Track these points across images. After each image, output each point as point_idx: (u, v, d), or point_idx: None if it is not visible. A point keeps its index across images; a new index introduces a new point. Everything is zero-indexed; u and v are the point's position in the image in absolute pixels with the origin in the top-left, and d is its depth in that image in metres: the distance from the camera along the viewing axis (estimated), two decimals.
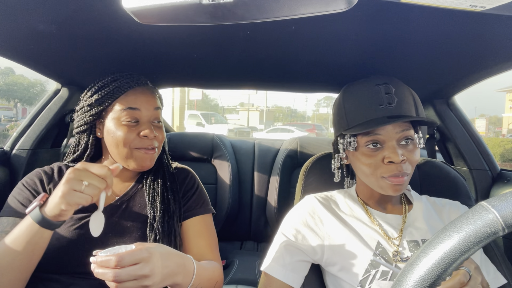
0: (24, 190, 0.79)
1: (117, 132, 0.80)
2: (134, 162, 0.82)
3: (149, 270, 0.57)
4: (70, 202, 0.62)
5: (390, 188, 0.70)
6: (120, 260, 0.55)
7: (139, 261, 0.57)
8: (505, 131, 26.37)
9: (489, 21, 0.64)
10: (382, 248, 0.71)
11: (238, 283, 1.36)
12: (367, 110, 0.72)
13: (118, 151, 0.81)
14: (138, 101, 0.82)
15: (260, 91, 14.88)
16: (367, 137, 0.71)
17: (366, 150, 0.72)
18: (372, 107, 0.71)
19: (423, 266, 0.34)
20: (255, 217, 1.73)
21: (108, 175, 0.65)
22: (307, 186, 0.94)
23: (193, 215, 0.88)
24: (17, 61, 0.95)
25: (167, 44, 0.87)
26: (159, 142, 0.85)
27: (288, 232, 0.77)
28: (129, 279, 0.55)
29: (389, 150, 0.69)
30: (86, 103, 0.83)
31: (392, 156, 0.68)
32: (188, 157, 1.70)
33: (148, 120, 0.83)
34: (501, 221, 0.31)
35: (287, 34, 0.77)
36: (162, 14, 0.46)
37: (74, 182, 0.62)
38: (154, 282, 0.58)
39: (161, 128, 0.87)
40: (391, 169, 0.69)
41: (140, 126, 0.82)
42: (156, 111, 0.85)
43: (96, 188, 0.63)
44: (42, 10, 0.67)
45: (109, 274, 0.54)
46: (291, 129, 17.45)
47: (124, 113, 0.80)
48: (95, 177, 0.64)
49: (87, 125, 0.84)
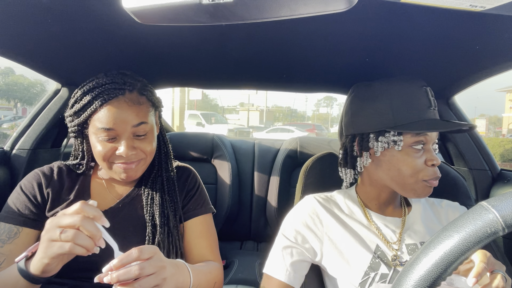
0: (21, 195, 0.78)
1: (96, 147, 0.76)
2: (116, 175, 0.79)
3: (164, 261, 0.59)
4: (50, 255, 0.56)
5: (424, 191, 0.70)
6: (141, 252, 0.55)
7: (154, 254, 0.58)
8: (505, 131, 26.36)
9: (489, 21, 0.64)
10: (381, 251, 0.71)
11: (238, 283, 1.35)
12: (420, 110, 0.69)
13: (101, 164, 0.79)
14: (112, 120, 0.73)
15: (260, 91, 14.88)
16: (416, 137, 0.69)
17: (412, 150, 0.69)
18: (424, 108, 0.70)
19: (423, 266, 0.34)
20: (255, 217, 1.73)
21: (84, 209, 0.57)
22: (307, 186, 0.94)
23: (195, 215, 0.88)
24: (17, 61, 0.95)
25: (167, 44, 0.87)
26: (145, 153, 0.79)
27: (288, 233, 0.77)
28: (152, 271, 0.55)
29: (430, 152, 0.69)
30: (68, 113, 0.79)
31: (435, 158, 0.68)
32: (188, 157, 1.70)
33: (128, 136, 0.76)
34: (501, 221, 0.31)
35: (287, 34, 0.77)
36: (162, 14, 0.46)
37: (51, 231, 0.56)
38: (167, 275, 0.59)
39: (147, 139, 0.79)
40: (434, 172, 0.69)
41: (118, 142, 0.76)
42: (137, 128, 0.76)
43: (71, 231, 0.55)
44: (42, 10, 0.67)
45: (134, 268, 0.54)
46: (291, 129, 17.44)
47: (100, 131, 0.74)
48: (67, 217, 0.56)
49: (75, 133, 0.81)
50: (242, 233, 1.78)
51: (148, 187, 0.85)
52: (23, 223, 0.75)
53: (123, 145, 0.75)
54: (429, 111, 0.70)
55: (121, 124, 0.74)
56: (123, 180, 0.80)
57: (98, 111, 0.74)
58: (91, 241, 0.56)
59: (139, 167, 0.80)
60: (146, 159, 0.81)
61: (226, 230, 1.67)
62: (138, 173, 0.81)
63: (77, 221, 0.55)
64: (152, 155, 0.83)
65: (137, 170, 0.80)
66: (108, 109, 0.74)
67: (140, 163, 0.80)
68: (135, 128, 0.76)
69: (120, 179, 0.80)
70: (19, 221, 0.75)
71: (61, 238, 0.55)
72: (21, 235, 0.74)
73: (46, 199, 0.79)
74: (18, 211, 0.76)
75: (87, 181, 0.85)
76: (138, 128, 0.77)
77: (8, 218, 0.75)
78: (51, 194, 0.79)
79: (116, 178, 0.80)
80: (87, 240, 0.56)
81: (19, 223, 0.75)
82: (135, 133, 0.77)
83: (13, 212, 0.76)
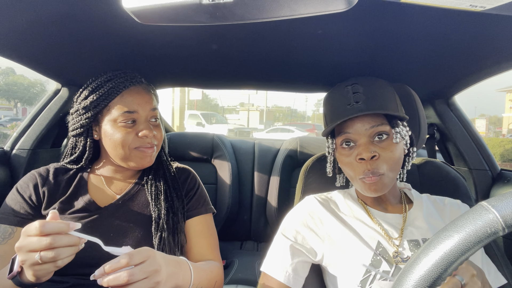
0: (17, 196, 0.79)
1: (114, 134, 0.79)
2: (133, 162, 0.81)
3: (157, 264, 0.58)
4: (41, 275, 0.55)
5: (366, 189, 0.71)
6: (131, 258, 0.55)
7: (146, 258, 0.57)
8: (505, 131, 26.34)
9: (489, 21, 0.64)
10: (382, 248, 0.71)
11: (238, 283, 1.35)
12: (338, 111, 0.74)
13: (117, 153, 0.80)
14: (135, 103, 0.80)
15: (260, 91, 14.89)
16: (340, 137, 0.74)
17: (341, 149, 0.74)
18: (341, 107, 0.73)
19: (423, 266, 0.34)
20: (255, 217, 1.73)
21: (45, 230, 0.52)
22: (307, 186, 0.94)
23: (195, 215, 0.88)
24: (17, 61, 0.95)
25: (167, 44, 0.87)
26: (158, 140, 0.84)
27: (288, 233, 0.77)
28: (143, 276, 0.55)
29: (360, 147, 0.70)
30: (81, 106, 0.81)
31: (362, 152, 0.69)
32: (188, 157, 1.70)
33: (145, 119, 0.82)
34: (501, 221, 0.31)
35: (287, 34, 0.77)
36: (162, 14, 0.46)
37: (27, 258, 0.53)
38: (162, 278, 0.59)
39: (159, 126, 0.86)
40: (363, 167, 0.69)
41: (137, 126, 0.81)
42: (153, 112, 0.84)
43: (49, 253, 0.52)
44: (43, 10, 0.67)
45: (123, 275, 0.53)
46: (291, 129, 17.43)
47: (121, 116, 0.79)
48: (35, 242, 0.53)
49: (83, 128, 0.82)
50: (242, 233, 1.78)
51: (151, 181, 0.86)
52: (17, 223, 0.76)
53: (145, 126, 0.81)
54: (348, 109, 0.72)
55: (142, 106, 0.81)
56: (141, 167, 0.83)
57: (119, 97, 0.80)
58: (72, 247, 0.55)
59: (154, 154, 0.84)
60: (159, 147, 0.87)
61: (226, 230, 1.67)
62: (153, 160, 0.85)
63: (48, 243, 0.52)
64: (161, 143, 0.88)
65: (153, 157, 0.84)
66: (130, 94, 0.81)
67: (155, 151, 0.84)
68: (152, 112, 0.83)
69: (139, 165, 0.82)
70: (13, 221, 0.75)
71: (43, 261, 0.52)
72: (15, 236, 0.74)
73: (42, 198, 0.79)
74: (13, 212, 0.76)
75: (84, 178, 0.85)
76: (155, 112, 0.84)
77: (3, 219, 0.76)
78: (47, 193, 0.80)
79: (133, 166, 0.82)
80: (68, 250, 0.54)
81: (13, 223, 0.75)
82: (152, 117, 0.83)
83: (8, 213, 0.76)
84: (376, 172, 0.69)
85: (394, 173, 0.71)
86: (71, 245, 0.54)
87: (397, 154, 0.71)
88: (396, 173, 0.73)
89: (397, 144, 0.71)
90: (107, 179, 0.87)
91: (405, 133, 0.73)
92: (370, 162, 0.69)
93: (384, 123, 0.71)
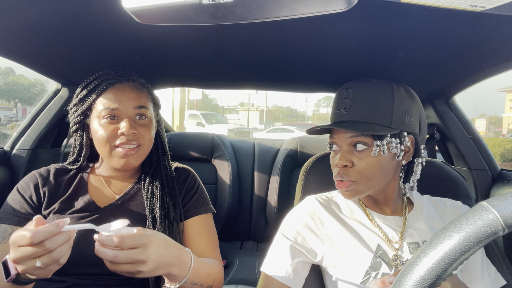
0: (17, 195, 0.79)
1: (98, 131, 0.79)
2: (115, 161, 0.80)
3: (146, 256, 0.58)
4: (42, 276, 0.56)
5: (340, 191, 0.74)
6: (122, 242, 0.56)
7: (139, 246, 0.58)
8: (505, 131, 26.32)
9: (489, 21, 0.64)
10: (382, 251, 0.71)
11: (238, 283, 1.35)
12: (332, 114, 0.78)
13: (101, 150, 0.81)
14: (116, 100, 0.79)
15: (260, 91, 14.88)
16: (329, 139, 0.77)
17: (332, 152, 0.77)
18: (333, 111, 0.77)
19: (423, 266, 0.34)
20: (255, 217, 1.73)
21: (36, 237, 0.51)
22: (307, 186, 0.94)
23: (194, 215, 0.88)
24: (17, 61, 0.95)
25: (167, 44, 0.87)
26: (142, 140, 0.81)
27: (288, 233, 0.77)
28: (126, 262, 0.56)
29: (340, 153, 0.72)
30: (73, 103, 0.84)
31: (338, 159, 0.72)
32: (188, 157, 1.70)
33: (128, 117, 0.79)
34: (501, 221, 0.31)
35: (287, 34, 0.77)
36: (162, 14, 0.46)
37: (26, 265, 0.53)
38: (148, 269, 0.59)
39: (147, 126, 0.82)
40: (336, 171, 0.73)
41: (118, 123, 0.79)
42: (139, 109, 0.81)
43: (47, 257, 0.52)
44: (43, 10, 0.67)
45: (108, 253, 0.55)
46: (291, 129, 17.42)
47: (103, 111, 0.79)
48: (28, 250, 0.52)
49: (77, 124, 0.84)
50: (242, 233, 1.78)
51: (147, 182, 0.86)
52: (17, 222, 0.76)
53: (125, 122, 0.78)
54: (336, 114, 0.75)
55: (124, 103, 0.79)
56: (122, 168, 0.80)
57: (104, 93, 0.80)
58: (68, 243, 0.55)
59: (137, 155, 0.81)
60: (144, 148, 0.82)
61: (226, 230, 1.67)
62: (137, 161, 0.82)
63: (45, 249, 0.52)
64: (150, 145, 0.85)
65: (136, 157, 0.81)
66: (112, 91, 0.80)
67: (139, 151, 0.81)
68: (137, 110, 0.81)
69: (119, 166, 0.80)
70: (14, 221, 0.76)
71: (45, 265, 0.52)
72: None
73: (43, 198, 0.80)
74: (14, 211, 0.77)
75: (84, 179, 0.86)
76: (140, 110, 0.81)
77: (3, 219, 0.76)
78: (47, 193, 0.80)
79: (115, 166, 0.81)
80: (66, 246, 0.54)
81: (13, 223, 0.76)
82: (136, 114, 0.81)
83: (8, 213, 0.77)
84: (346, 178, 0.71)
85: (372, 182, 0.70)
86: (67, 241, 0.55)
87: (375, 165, 0.69)
88: (378, 182, 0.71)
89: (377, 156, 0.69)
90: (107, 179, 0.87)
91: (394, 146, 0.69)
92: (343, 169, 0.71)
93: (361, 134, 0.69)
